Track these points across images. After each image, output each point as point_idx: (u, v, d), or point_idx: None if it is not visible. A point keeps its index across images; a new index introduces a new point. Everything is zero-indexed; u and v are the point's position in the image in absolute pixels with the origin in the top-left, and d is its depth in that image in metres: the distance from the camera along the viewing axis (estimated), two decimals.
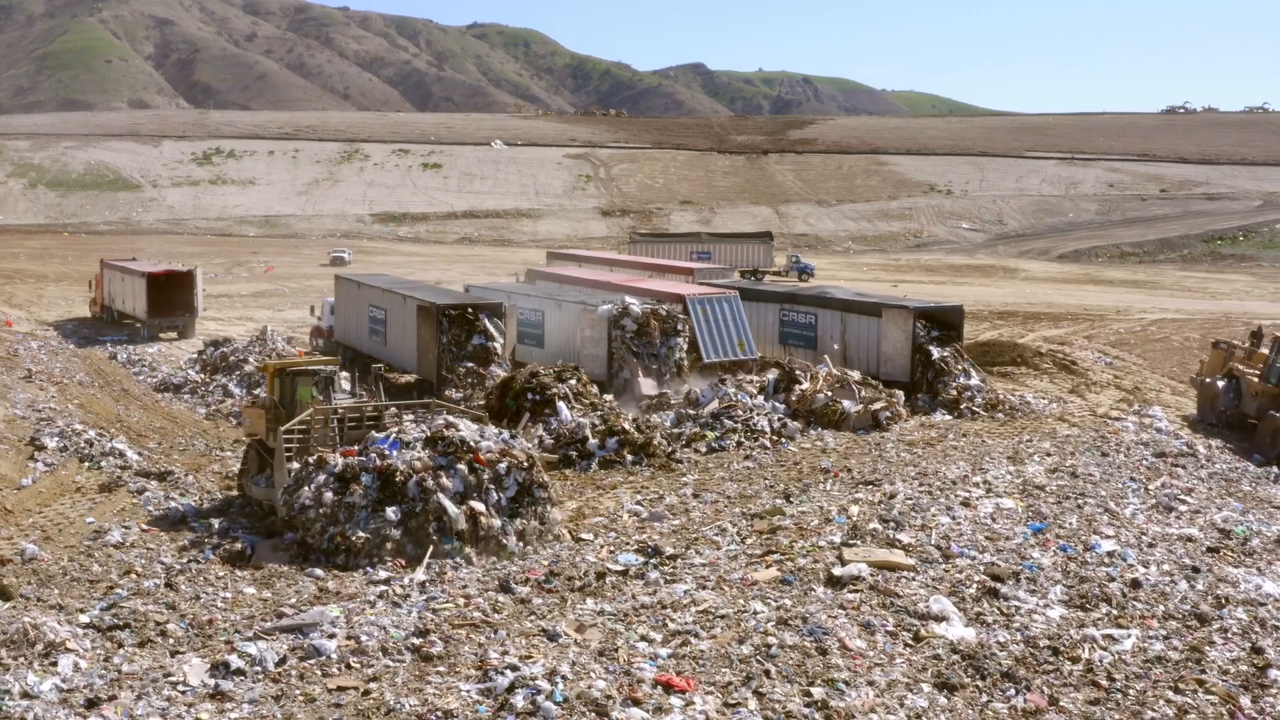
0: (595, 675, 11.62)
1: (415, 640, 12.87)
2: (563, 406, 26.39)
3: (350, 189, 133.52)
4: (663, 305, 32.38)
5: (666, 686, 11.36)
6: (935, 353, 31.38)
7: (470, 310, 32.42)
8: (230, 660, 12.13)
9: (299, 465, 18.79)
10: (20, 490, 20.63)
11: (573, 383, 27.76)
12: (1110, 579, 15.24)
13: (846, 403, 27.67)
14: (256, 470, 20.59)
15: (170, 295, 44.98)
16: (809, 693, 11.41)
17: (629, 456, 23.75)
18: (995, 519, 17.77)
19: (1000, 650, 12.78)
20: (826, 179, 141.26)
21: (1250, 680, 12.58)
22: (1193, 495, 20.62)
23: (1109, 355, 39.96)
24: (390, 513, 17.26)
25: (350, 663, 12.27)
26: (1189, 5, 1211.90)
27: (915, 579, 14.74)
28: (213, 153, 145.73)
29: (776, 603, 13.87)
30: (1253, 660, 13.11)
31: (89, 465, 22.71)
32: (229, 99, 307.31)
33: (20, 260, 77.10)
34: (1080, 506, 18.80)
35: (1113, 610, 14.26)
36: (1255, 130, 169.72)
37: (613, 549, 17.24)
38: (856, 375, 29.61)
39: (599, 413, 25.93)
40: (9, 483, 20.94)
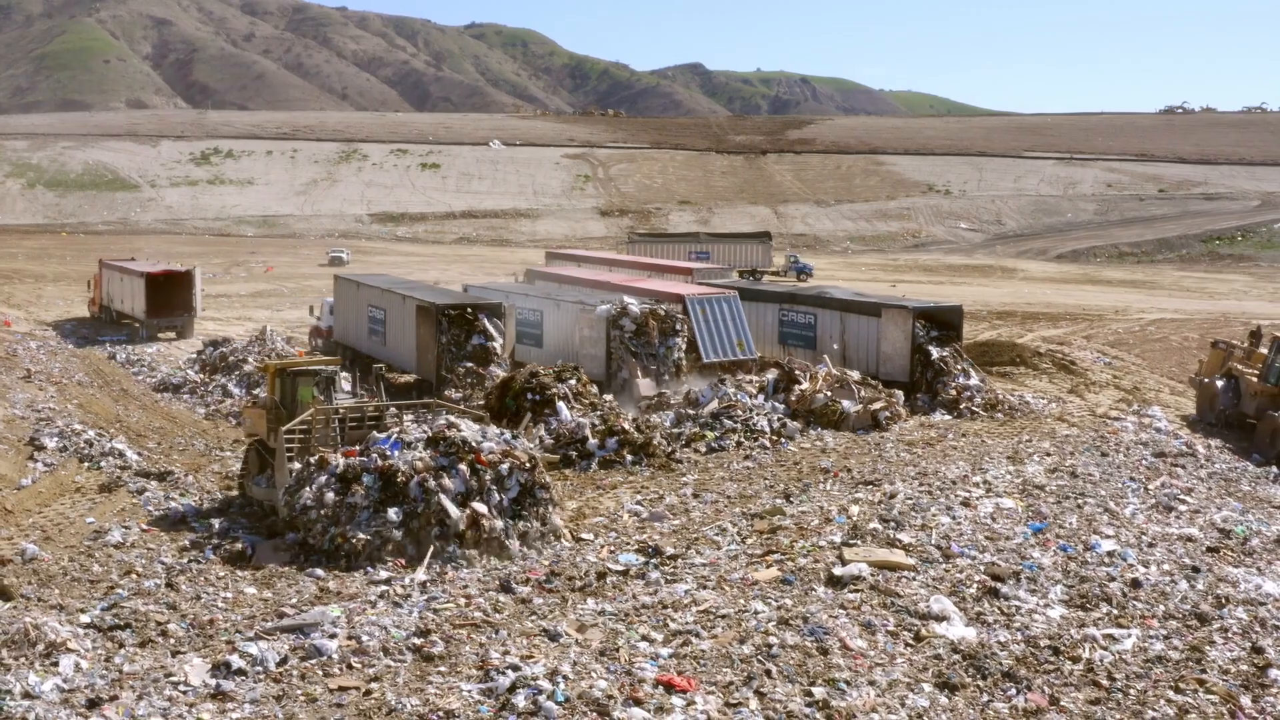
0: (596, 675, 11.62)
1: (416, 640, 12.86)
2: (562, 406, 26.38)
3: (348, 189, 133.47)
4: (661, 305, 32.38)
5: (668, 686, 11.35)
6: (934, 353, 31.42)
7: (469, 310, 32.42)
8: (231, 660, 12.12)
9: (300, 466, 18.79)
10: (20, 490, 20.64)
11: (572, 383, 27.75)
12: (1110, 579, 15.24)
13: (846, 403, 27.68)
14: (257, 470, 20.58)
15: (169, 295, 45.00)
16: (810, 692, 11.41)
17: (629, 456, 23.75)
18: (995, 519, 17.77)
19: (1001, 650, 12.78)
20: (825, 179, 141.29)
21: (1250, 680, 12.58)
22: (1192, 495, 20.63)
23: (1108, 355, 39.97)
24: (392, 513, 17.24)
25: (351, 663, 12.26)
26: (1188, 5, 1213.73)
27: (916, 579, 14.74)
28: (211, 153, 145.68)
29: (777, 602, 13.87)
30: (1253, 660, 13.11)
31: (89, 465, 22.71)
32: (227, 99, 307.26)
33: (19, 260, 77.02)
34: (1080, 506, 18.80)
35: (1113, 610, 14.26)
36: (1253, 130, 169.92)
37: (613, 549, 17.24)
38: (856, 375, 29.62)
39: (599, 413, 25.94)
40: (9, 483, 20.94)
